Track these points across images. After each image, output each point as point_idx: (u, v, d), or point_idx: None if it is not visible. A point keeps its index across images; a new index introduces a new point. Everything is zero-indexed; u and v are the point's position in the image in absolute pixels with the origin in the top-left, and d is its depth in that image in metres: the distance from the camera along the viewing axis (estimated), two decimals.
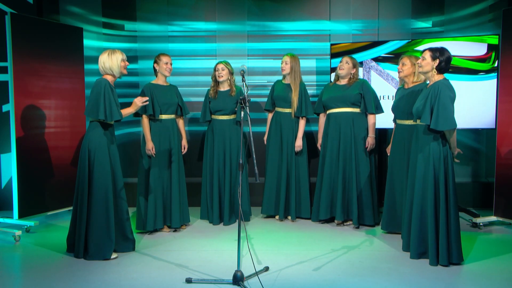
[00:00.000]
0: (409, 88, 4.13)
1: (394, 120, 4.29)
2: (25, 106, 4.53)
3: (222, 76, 4.67)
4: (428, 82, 3.71)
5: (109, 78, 3.70)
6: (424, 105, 3.47)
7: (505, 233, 4.42)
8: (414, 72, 4.10)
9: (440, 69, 3.50)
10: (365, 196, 4.53)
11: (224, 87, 4.77)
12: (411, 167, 3.71)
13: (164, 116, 4.43)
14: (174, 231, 4.47)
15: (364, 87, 4.55)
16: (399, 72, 4.18)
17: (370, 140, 4.55)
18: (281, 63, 4.75)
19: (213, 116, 4.77)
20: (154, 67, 4.45)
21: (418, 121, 3.60)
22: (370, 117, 4.59)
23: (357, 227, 4.53)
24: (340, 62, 4.63)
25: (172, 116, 4.50)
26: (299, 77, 4.76)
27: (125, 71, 3.76)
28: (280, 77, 4.93)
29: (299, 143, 4.75)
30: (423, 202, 3.54)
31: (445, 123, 3.38)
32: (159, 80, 4.46)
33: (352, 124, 4.54)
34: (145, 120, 4.35)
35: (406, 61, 4.12)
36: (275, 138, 4.81)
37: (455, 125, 3.40)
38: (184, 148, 4.62)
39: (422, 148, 3.55)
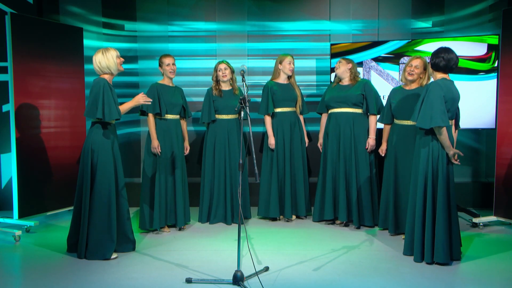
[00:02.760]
0: (411, 89, 4.14)
1: (385, 121, 4.31)
2: (25, 106, 4.53)
3: (226, 76, 4.68)
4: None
5: (106, 77, 3.68)
6: (418, 104, 3.51)
7: (505, 233, 4.42)
8: (423, 76, 4.10)
9: (436, 67, 3.49)
10: (365, 197, 4.53)
11: (226, 87, 4.78)
12: (413, 168, 3.72)
13: (169, 116, 4.45)
14: (179, 230, 4.49)
15: (367, 87, 4.54)
16: (409, 74, 4.11)
17: (371, 141, 4.55)
18: (287, 64, 4.73)
19: (217, 116, 4.77)
20: (159, 69, 4.51)
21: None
22: (372, 118, 4.58)
23: (358, 228, 4.53)
24: (335, 68, 4.67)
25: (177, 116, 4.52)
26: None
27: (121, 68, 3.74)
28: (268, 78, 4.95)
29: (307, 139, 4.92)
30: (417, 200, 3.55)
31: (426, 120, 3.37)
32: (165, 81, 4.51)
33: (353, 124, 4.54)
34: (151, 118, 4.38)
35: (420, 64, 4.09)
36: (287, 138, 4.78)
37: (439, 123, 3.35)
38: (186, 150, 4.64)
39: (416, 147, 3.59)
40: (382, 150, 4.39)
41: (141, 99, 3.77)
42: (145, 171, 4.41)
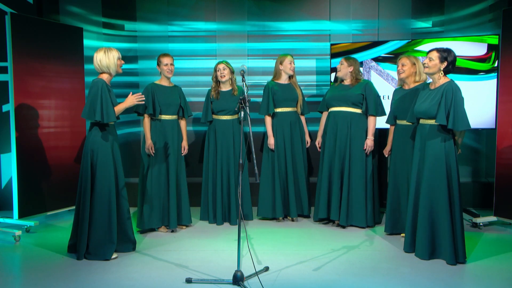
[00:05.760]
0: (410, 88, 4.15)
1: (390, 122, 4.30)
2: (25, 106, 4.53)
3: (225, 76, 4.67)
4: (428, 81, 3.71)
5: (105, 77, 3.66)
6: (439, 106, 3.50)
7: (505, 233, 4.42)
8: (415, 72, 4.13)
9: (447, 71, 3.53)
10: (359, 197, 4.49)
11: (226, 87, 4.77)
12: (414, 167, 3.71)
13: (164, 116, 4.44)
14: (171, 232, 4.47)
15: (367, 88, 4.52)
16: (399, 73, 4.19)
17: (369, 142, 4.53)
18: (288, 63, 4.73)
19: (216, 116, 4.77)
20: (157, 68, 4.49)
21: (427, 121, 3.61)
22: (370, 119, 4.57)
23: (343, 227, 4.50)
24: (337, 68, 4.66)
25: (173, 116, 4.50)
26: None
27: (120, 70, 3.72)
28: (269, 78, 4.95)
29: (309, 139, 4.90)
30: (434, 201, 3.56)
31: (462, 123, 3.48)
32: (162, 81, 4.49)
33: (350, 124, 4.53)
34: (146, 119, 4.41)
35: (405, 61, 4.15)
36: (287, 138, 4.78)
37: (470, 125, 3.51)
38: (184, 149, 4.59)
39: (432, 147, 3.57)
40: (386, 151, 4.39)
41: (134, 99, 3.71)
42: (140, 172, 4.44)
